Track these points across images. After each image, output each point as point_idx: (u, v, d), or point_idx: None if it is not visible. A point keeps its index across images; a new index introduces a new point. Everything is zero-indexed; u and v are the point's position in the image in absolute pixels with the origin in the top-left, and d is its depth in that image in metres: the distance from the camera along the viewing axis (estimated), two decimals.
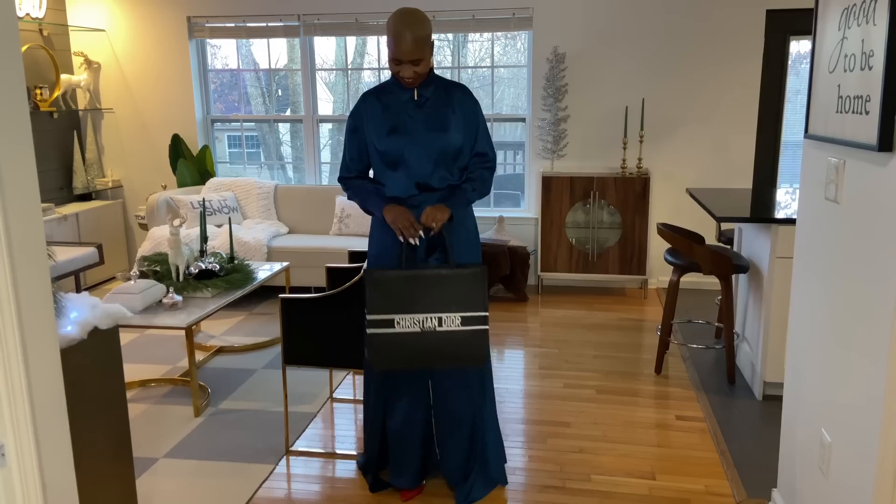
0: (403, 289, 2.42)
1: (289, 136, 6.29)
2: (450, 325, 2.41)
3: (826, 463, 2.04)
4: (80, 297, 2.10)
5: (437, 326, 2.41)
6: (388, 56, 2.46)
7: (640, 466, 2.93)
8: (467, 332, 2.42)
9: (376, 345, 2.44)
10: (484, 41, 5.77)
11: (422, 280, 2.43)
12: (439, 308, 2.42)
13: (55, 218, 5.23)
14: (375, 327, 2.44)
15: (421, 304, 2.42)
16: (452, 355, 2.42)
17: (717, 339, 4.39)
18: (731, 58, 5.20)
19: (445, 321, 2.41)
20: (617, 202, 5.21)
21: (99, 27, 5.83)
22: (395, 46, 2.40)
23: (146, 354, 4.25)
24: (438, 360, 2.44)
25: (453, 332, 2.41)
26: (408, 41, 2.38)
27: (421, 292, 2.42)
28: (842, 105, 1.91)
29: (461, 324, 2.42)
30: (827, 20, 2.04)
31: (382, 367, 2.46)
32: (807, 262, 2.24)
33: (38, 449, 1.64)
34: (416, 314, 2.42)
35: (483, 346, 2.44)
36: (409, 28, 2.37)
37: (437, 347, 2.42)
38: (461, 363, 2.44)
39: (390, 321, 2.42)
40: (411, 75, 2.45)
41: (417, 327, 2.41)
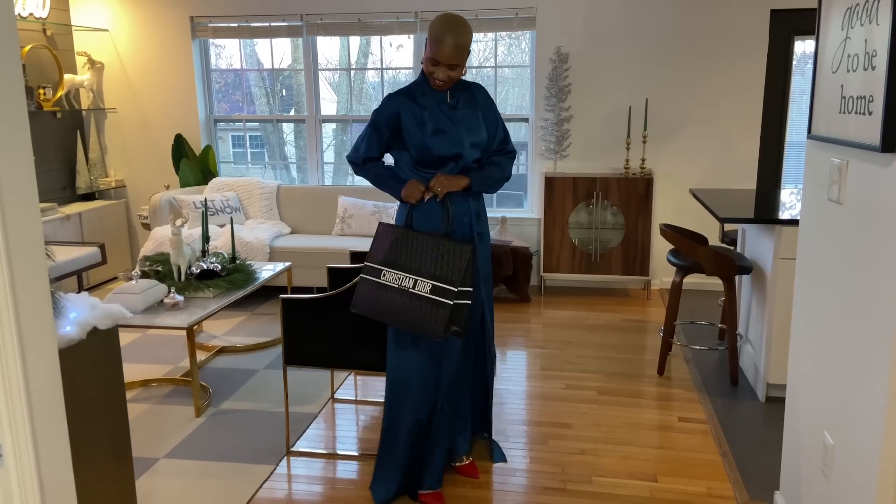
0: (398, 246, 2.55)
1: (293, 136, 6.29)
2: (420, 290, 2.48)
3: (828, 465, 2.03)
4: (79, 297, 2.09)
5: (411, 288, 2.49)
6: (424, 55, 2.55)
7: (641, 468, 2.92)
8: (433, 301, 2.45)
9: (361, 289, 2.58)
10: (488, 41, 5.76)
11: (415, 242, 2.53)
12: (417, 272, 2.50)
13: (58, 218, 5.23)
14: (367, 273, 2.58)
15: (405, 264, 2.53)
16: (413, 318, 2.48)
17: (720, 341, 4.37)
18: (734, 58, 5.18)
19: (418, 285, 2.48)
20: (620, 203, 5.20)
21: (102, 27, 5.84)
22: (436, 48, 2.48)
23: (148, 354, 4.25)
24: (400, 319, 2.51)
25: (420, 296, 2.47)
26: (449, 45, 2.47)
27: (409, 253, 2.53)
28: (845, 105, 1.89)
29: (430, 291, 2.47)
30: (830, 20, 2.02)
31: (357, 308, 2.59)
32: (809, 263, 2.22)
33: (35, 450, 1.64)
34: (398, 271, 2.53)
35: (441, 319, 2.44)
36: (453, 33, 2.47)
37: (402, 307, 2.49)
38: (419, 329, 2.48)
39: (378, 271, 2.56)
40: (445, 78, 2.53)
41: (395, 283, 2.52)
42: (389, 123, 2.62)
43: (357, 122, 5.98)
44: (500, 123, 2.75)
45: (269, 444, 3.14)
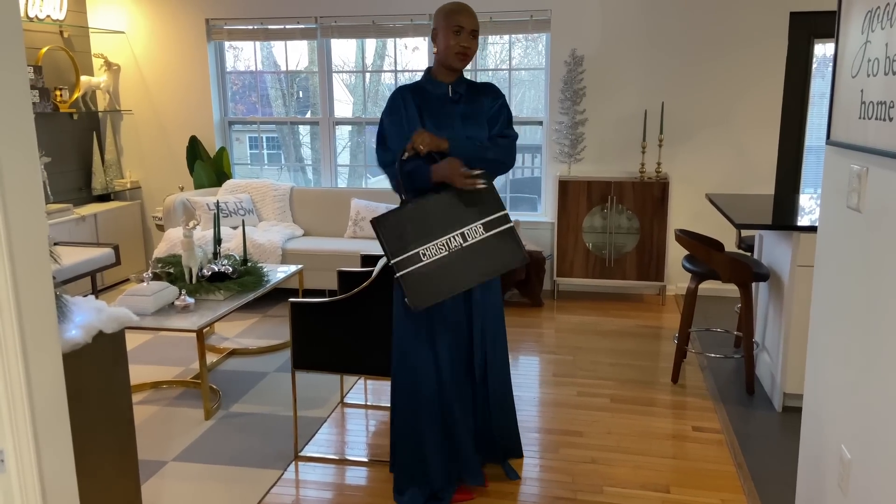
0: (416, 222, 2.40)
1: (308, 138, 6.29)
2: (475, 236, 2.37)
3: (846, 480, 1.97)
4: (85, 300, 2.08)
5: (463, 243, 2.37)
6: (440, 35, 2.51)
7: (654, 479, 2.87)
8: (495, 234, 2.38)
9: (411, 284, 2.37)
10: (505, 43, 5.73)
11: (430, 208, 2.41)
12: (458, 224, 2.38)
13: (73, 218, 5.26)
14: (404, 268, 2.38)
15: (438, 228, 2.39)
16: (491, 263, 2.37)
17: (736, 349, 4.30)
18: (752, 61, 5.11)
19: (469, 234, 2.38)
20: (635, 207, 5.14)
21: (119, 29, 5.87)
22: (458, 15, 2.48)
23: (159, 356, 4.25)
24: (479, 273, 2.37)
25: (481, 240, 2.37)
26: (468, 11, 2.50)
27: (434, 219, 2.39)
28: (864, 111, 1.84)
29: (485, 230, 2.38)
30: (850, 23, 1.97)
31: (425, 303, 2.38)
32: (828, 271, 2.17)
33: (38, 455, 1.63)
34: (438, 239, 2.38)
35: (516, 242, 2.39)
36: (466, 5, 2.52)
37: (472, 262, 2.36)
38: (503, 267, 2.39)
39: (416, 256, 2.38)
40: (468, 45, 2.50)
41: (444, 251, 2.37)
42: (406, 114, 2.55)
43: (371, 125, 5.97)
44: (503, 114, 2.65)
45: (278, 449, 3.12)
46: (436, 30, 2.54)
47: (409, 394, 2.64)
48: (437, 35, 2.54)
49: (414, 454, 2.66)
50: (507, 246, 2.39)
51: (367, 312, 2.85)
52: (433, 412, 2.62)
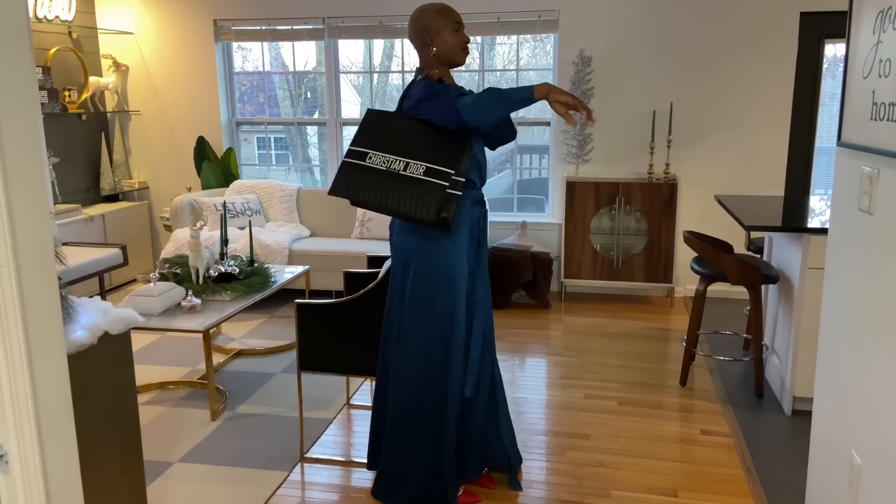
0: (389, 131, 2.46)
1: (316, 139, 6.29)
2: (412, 172, 2.40)
3: (855, 486, 1.95)
4: (91, 301, 2.08)
5: (401, 170, 2.41)
6: (442, 35, 2.47)
7: (661, 482, 2.85)
8: (427, 182, 2.39)
9: (344, 172, 2.46)
10: (512, 43, 5.71)
11: (408, 126, 2.46)
12: (411, 155, 2.43)
13: (81, 219, 5.27)
14: (351, 157, 2.47)
15: (396, 147, 2.44)
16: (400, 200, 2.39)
17: (745, 351, 4.27)
18: (762, 61, 5.08)
19: (411, 167, 2.41)
20: (643, 208, 5.11)
21: (127, 30, 5.89)
22: (452, 12, 2.49)
23: (166, 356, 4.26)
24: (391, 200, 2.39)
25: (414, 178, 2.39)
26: (457, 12, 2.51)
27: (401, 138, 2.45)
28: (876, 112, 1.82)
29: (423, 173, 2.40)
30: (861, 23, 1.95)
31: (339, 192, 2.44)
32: (838, 274, 2.14)
33: (42, 455, 1.62)
34: (387, 154, 2.43)
35: (435, 201, 2.36)
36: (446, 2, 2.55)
37: (393, 188, 2.40)
38: (407, 211, 2.38)
39: (364, 154, 2.46)
40: (468, 39, 2.53)
41: (384, 166, 2.42)
42: None
43: None
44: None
45: (284, 450, 3.12)
46: (428, 31, 2.47)
47: (420, 394, 2.58)
48: (431, 36, 2.47)
49: (422, 459, 2.62)
50: (427, 198, 2.38)
51: (374, 313, 2.84)
52: (444, 414, 2.59)
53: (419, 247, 2.51)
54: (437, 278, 2.50)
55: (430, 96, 2.43)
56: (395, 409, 2.62)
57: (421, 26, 2.48)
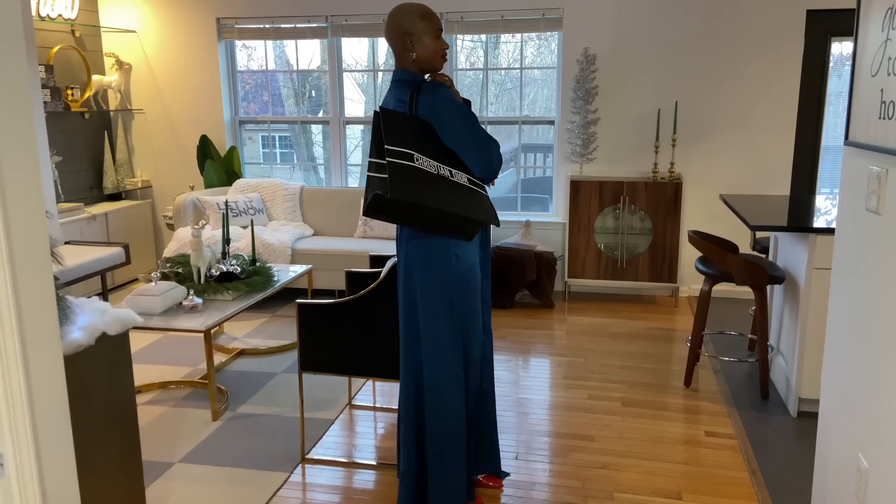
0: (420, 135, 2.34)
1: (321, 137, 6.27)
2: (459, 179, 2.37)
3: (863, 490, 1.92)
4: (88, 301, 2.06)
5: (450, 176, 2.36)
6: (422, 41, 2.38)
7: (665, 485, 2.82)
8: (475, 190, 2.40)
9: (399, 171, 2.26)
10: (517, 42, 5.68)
11: (432, 136, 2.37)
12: (450, 163, 2.38)
13: (84, 218, 5.27)
14: (396, 157, 2.27)
15: (434, 153, 2.35)
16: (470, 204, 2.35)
17: (751, 352, 4.23)
18: (768, 59, 5.04)
19: (455, 175, 2.37)
20: (648, 207, 5.08)
21: (130, 28, 5.87)
22: (434, 19, 2.40)
23: (168, 356, 4.24)
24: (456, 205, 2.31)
25: (463, 185, 2.37)
26: (437, 15, 2.43)
27: (435, 145, 2.36)
28: (885, 111, 1.79)
29: (468, 182, 2.39)
30: (870, 21, 1.91)
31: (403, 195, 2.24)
32: (845, 275, 2.11)
33: (38, 458, 1.61)
34: (430, 159, 2.34)
35: (485, 211, 2.39)
36: (425, 5, 2.45)
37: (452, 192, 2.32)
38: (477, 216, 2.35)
39: (410, 155, 2.31)
40: (447, 46, 2.47)
41: (434, 170, 2.33)
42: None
43: None
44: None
45: (285, 451, 3.10)
46: (409, 35, 2.37)
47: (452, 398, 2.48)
48: (412, 41, 2.37)
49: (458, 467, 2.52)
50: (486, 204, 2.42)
51: (376, 313, 2.82)
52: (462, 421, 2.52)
53: (435, 253, 2.42)
54: (458, 282, 2.43)
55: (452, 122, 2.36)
56: (431, 416, 2.49)
57: (402, 30, 2.37)
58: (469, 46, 5.78)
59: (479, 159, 2.37)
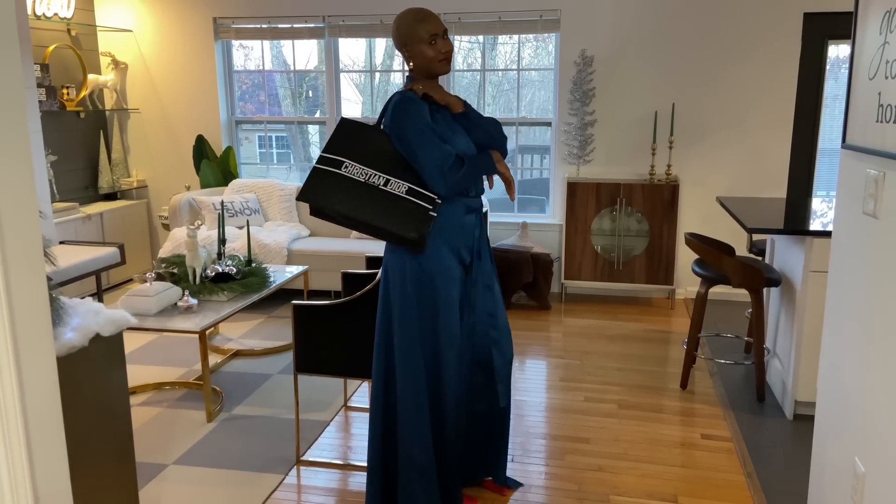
0: (367, 144, 2.35)
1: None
2: (394, 189, 2.31)
3: (859, 494, 1.92)
4: (82, 302, 2.05)
5: (382, 185, 2.31)
6: (416, 49, 2.37)
7: (661, 487, 2.81)
8: (409, 202, 2.30)
9: (317, 178, 2.32)
10: (514, 43, 5.68)
11: (380, 142, 2.36)
12: (392, 173, 2.32)
13: (79, 217, 5.25)
14: (323, 163, 2.34)
15: (376, 162, 2.33)
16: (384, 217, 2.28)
17: (747, 355, 4.23)
18: (765, 62, 5.04)
19: (392, 184, 2.31)
20: (644, 209, 5.08)
21: (126, 28, 5.86)
22: (427, 23, 2.36)
23: (163, 356, 4.22)
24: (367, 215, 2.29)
25: (397, 196, 2.30)
26: (432, 14, 2.39)
27: (382, 153, 2.34)
28: (882, 114, 1.78)
29: (406, 192, 2.31)
30: (867, 23, 1.91)
31: (311, 200, 2.31)
32: (842, 278, 2.11)
33: (30, 460, 1.59)
34: (365, 167, 2.32)
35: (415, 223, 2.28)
36: (424, 7, 2.42)
37: (370, 201, 2.29)
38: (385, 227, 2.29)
39: (339, 162, 2.33)
40: (448, 48, 2.40)
41: (362, 178, 2.31)
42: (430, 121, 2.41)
43: None
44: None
45: (279, 452, 3.08)
46: (404, 45, 2.38)
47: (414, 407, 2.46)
48: (409, 49, 2.38)
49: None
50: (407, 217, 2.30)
51: (372, 315, 2.81)
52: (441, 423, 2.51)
53: (395, 258, 2.41)
54: (421, 288, 2.39)
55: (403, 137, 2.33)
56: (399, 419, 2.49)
57: (399, 39, 2.38)
58: (466, 48, 5.78)
59: (427, 176, 2.32)
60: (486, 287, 2.57)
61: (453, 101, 2.45)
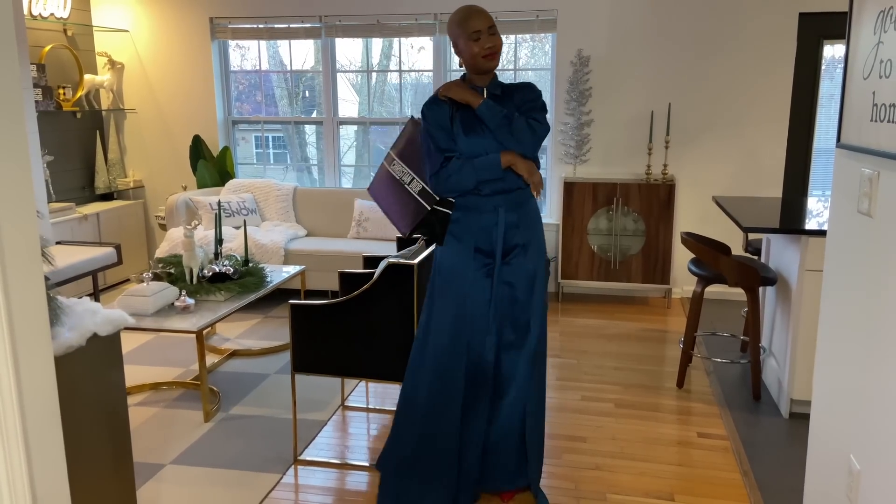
0: (413, 143, 2.62)
1: (314, 138, 6.26)
2: (412, 188, 2.60)
3: (854, 491, 1.93)
4: (79, 302, 2.05)
5: (407, 183, 2.60)
6: (461, 45, 2.47)
7: (658, 486, 2.82)
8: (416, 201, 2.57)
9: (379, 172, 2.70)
10: (511, 43, 5.68)
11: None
12: (416, 171, 2.59)
13: (76, 217, 5.24)
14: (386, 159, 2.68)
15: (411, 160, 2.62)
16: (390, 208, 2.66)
17: (743, 353, 4.24)
18: (761, 62, 5.06)
19: (413, 183, 2.59)
20: (641, 209, 5.09)
21: (123, 28, 5.85)
22: (470, 21, 2.44)
23: (161, 356, 4.22)
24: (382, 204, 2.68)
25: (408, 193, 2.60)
26: (479, 11, 2.46)
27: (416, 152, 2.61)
28: (877, 113, 1.79)
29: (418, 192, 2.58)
30: (862, 24, 1.92)
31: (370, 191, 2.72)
32: (837, 277, 2.12)
33: (28, 460, 1.59)
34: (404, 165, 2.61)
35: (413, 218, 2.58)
36: (474, 4, 2.50)
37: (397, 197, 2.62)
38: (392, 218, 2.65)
39: (392, 159, 2.67)
40: (494, 44, 2.45)
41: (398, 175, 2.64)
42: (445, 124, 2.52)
43: (375, 125, 5.93)
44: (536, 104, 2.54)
45: (277, 452, 3.09)
46: (453, 42, 2.51)
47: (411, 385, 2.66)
48: (457, 46, 2.50)
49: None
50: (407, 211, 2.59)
51: (369, 314, 2.81)
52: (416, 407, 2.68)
53: (437, 250, 2.65)
54: (440, 281, 2.58)
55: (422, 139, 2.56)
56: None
57: (450, 37, 2.53)
58: None
59: (427, 176, 2.57)
60: (507, 285, 2.56)
61: (471, 100, 2.47)
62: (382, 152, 6.07)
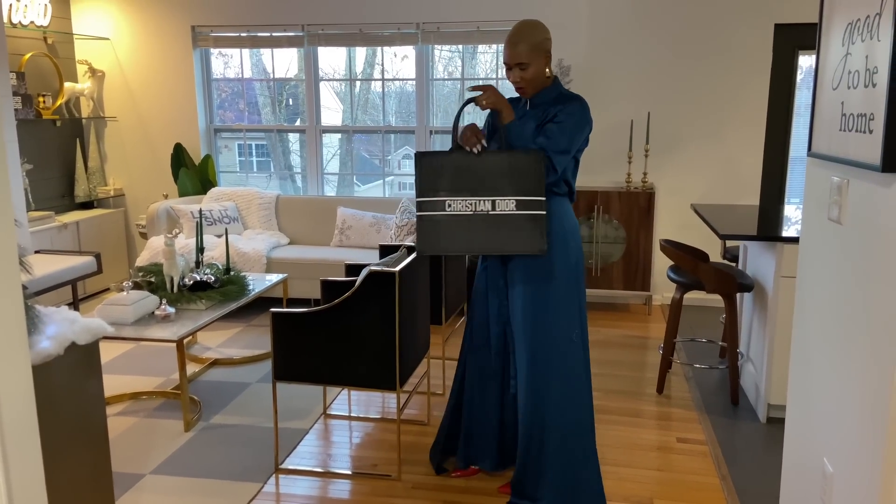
0: (455, 172, 2.42)
1: (298, 146, 6.26)
2: (504, 209, 2.37)
3: (828, 494, 1.96)
4: (58, 311, 2.04)
5: (491, 210, 2.37)
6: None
7: (638, 491, 2.85)
8: (524, 215, 2.36)
9: (425, 227, 2.42)
10: (493, 52, 5.73)
11: (474, 164, 2.42)
12: (492, 192, 2.39)
13: (55, 226, 5.20)
14: (425, 210, 2.42)
15: (472, 186, 2.40)
16: (510, 240, 2.38)
17: (721, 359, 4.29)
18: (739, 72, 5.13)
19: (499, 204, 2.37)
20: (621, 217, 5.14)
21: (103, 35, 5.83)
22: (504, 49, 2.55)
23: (141, 366, 4.20)
24: (495, 244, 2.39)
25: (509, 215, 2.37)
26: (510, 43, 2.51)
27: (472, 176, 2.40)
28: (845, 123, 1.84)
29: (516, 207, 2.37)
30: (831, 35, 1.97)
31: (432, 250, 2.42)
32: (809, 283, 2.16)
33: (5, 470, 1.58)
34: (468, 197, 2.39)
35: (540, 232, 2.37)
36: (512, 35, 2.52)
37: (493, 231, 2.38)
38: (516, 248, 2.39)
39: (441, 203, 2.40)
40: (516, 79, 2.53)
41: (469, 210, 2.38)
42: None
43: (359, 132, 5.95)
44: (557, 118, 2.49)
45: (258, 461, 3.08)
46: None
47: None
48: None
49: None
50: (530, 230, 2.38)
51: (351, 322, 2.82)
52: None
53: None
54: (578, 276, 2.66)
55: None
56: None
57: None
58: (447, 56, 5.82)
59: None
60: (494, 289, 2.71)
61: (504, 115, 2.50)
62: (367, 161, 6.08)
